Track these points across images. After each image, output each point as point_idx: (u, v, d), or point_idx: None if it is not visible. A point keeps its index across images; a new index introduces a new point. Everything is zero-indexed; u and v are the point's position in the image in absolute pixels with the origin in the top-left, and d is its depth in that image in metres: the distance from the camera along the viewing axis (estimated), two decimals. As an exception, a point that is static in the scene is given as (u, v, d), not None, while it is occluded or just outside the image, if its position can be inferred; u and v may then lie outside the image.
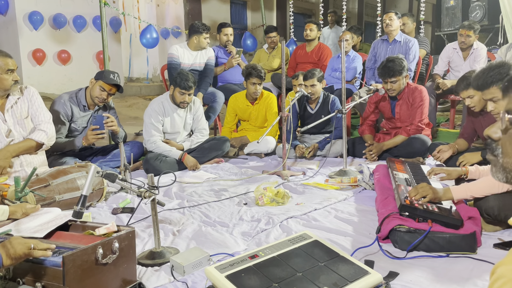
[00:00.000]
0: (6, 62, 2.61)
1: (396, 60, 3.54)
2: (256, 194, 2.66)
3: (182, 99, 3.56)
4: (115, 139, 3.51)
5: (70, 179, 2.50)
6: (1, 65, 2.60)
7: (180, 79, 3.51)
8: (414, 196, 2.07)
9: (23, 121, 2.81)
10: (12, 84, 2.66)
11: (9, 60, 2.63)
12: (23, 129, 2.81)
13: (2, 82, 2.62)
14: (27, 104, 2.84)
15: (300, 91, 3.57)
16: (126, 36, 8.91)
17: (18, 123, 2.78)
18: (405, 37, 4.74)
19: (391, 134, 3.83)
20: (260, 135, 3.67)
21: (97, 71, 3.54)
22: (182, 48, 4.66)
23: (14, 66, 2.66)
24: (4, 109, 2.73)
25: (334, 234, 2.14)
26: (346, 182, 3.02)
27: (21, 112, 2.81)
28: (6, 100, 2.76)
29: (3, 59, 2.61)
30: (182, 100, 3.57)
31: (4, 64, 2.60)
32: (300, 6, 11.77)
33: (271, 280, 1.44)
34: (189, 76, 3.53)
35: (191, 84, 3.50)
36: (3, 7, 7.21)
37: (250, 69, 4.02)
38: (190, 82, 3.50)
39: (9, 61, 2.63)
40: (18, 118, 2.79)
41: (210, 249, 1.96)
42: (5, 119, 2.72)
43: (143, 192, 1.83)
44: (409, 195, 2.08)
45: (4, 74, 2.61)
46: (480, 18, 6.42)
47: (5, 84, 2.64)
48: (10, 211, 1.79)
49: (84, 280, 1.39)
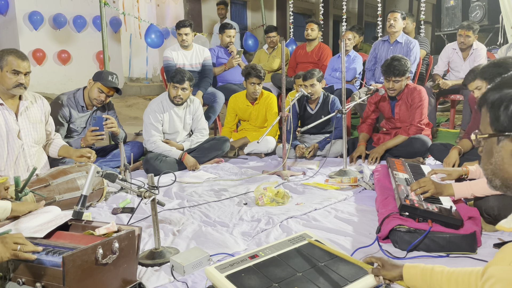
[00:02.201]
0: (16, 63, 2.58)
1: (402, 60, 3.53)
2: (256, 194, 2.66)
3: (175, 93, 3.56)
4: (115, 140, 3.51)
5: (70, 179, 2.50)
6: (8, 63, 2.58)
7: (174, 73, 3.54)
8: (416, 190, 2.07)
9: (36, 125, 2.81)
10: (15, 85, 2.61)
11: (20, 61, 2.60)
12: (36, 133, 2.80)
13: (4, 80, 2.60)
14: (40, 112, 2.85)
15: (300, 91, 3.57)
16: (126, 36, 8.91)
17: (32, 127, 2.78)
18: (407, 38, 4.70)
19: (391, 134, 3.83)
20: (260, 135, 3.67)
21: (96, 71, 3.53)
22: (175, 50, 4.68)
23: (23, 69, 2.61)
24: (18, 111, 2.72)
25: (334, 234, 2.14)
26: (346, 182, 3.02)
27: (35, 116, 2.81)
28: (19, 102, 2.74)
29: (14, 59, 2.59)
30: (176, 95, 3.56)
31: (11, 63, 2.58)
32: (300, 6, 11.78)
33: (271, 280, 1.44)
34: (185, 72, 3.54)
35: (183, 77, 3.50)
36: (3, 7, 7.21)
37: (249, 69, 4.02)
38: (184, 76, 3.50)
39: (20, 62, 2.59)
40: (33, 122, 2.78)
41: (210, 249, 1.96)
42: (17, 120, 2.70)
43: (143, 192, 1.83)
44: (410, 188, 2.08)
45: (8, 73, 2.58)
46: (480, 18, 6.41)
47: (7, 83, 2.60)
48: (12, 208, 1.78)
49: (84, 280, 1.39)
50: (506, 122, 0.89)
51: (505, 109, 0.89)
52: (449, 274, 1.28)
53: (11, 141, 2.66)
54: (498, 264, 0.78)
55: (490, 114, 0.93)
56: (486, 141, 0.95)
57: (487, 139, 0.95)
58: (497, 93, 0.92)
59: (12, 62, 2.58)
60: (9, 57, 2.59)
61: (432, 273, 1.31)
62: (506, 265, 0.77)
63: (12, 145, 2.66)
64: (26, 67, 2.64)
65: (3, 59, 2.59)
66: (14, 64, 2.58)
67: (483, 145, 0.97)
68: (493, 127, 0.93)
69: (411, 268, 1.38)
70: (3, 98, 2.66)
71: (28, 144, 2.74)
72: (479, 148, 0.99)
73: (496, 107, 0.91)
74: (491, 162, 0.94)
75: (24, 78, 2.63)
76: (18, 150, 2.69)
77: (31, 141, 2.76)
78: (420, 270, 1.35)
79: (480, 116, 0.98)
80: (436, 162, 3.55)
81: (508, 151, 0.90)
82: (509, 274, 0.75)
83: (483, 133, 0.95)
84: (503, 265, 0.77)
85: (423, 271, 1.34)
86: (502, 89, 0.91)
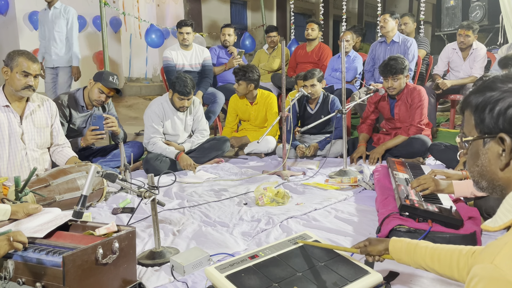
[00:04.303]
0: (26, 64, 2.58)
1: (399, 59, 3.55)
2: (256, 194, 2.66)
3: (181, 104, 3.55)
4: (115, 139, 3.51)
5: (70, 179, 2.50)
6: (19, 64, 2.58)
7: (179, 85, 3.45)
8: (416, 188, 2.07)
9: (41, 130, 2.80)
10: (24, 87, 2.60)
11: (30, 63, 2.59)
12: (40, 138, 2.79)
13: (13, 80, 2.60)
14: (47, 115, 2.84)
15: (300, 91, 3.58)
16: (126, 36, 8.90)
17: (36, 131, 2.76)
18: (403, 37, 4.71)
19: (391, 135, 3.83)
20: (260, 135, 3.67)
21: (97, 71, 3.52)
22: (175, 50, 4.68)
23: (33, 71, 2.60)
24: (23, 114, 2.71)
25: (334, 234, 2.14)
26: (346, 182, 3.02)
27: (40, 121, 2.80)
28: (26, 105, 2.73)
29: (25, 60, 2.58)
30: (181, 105, 3.56)
31: (22, 65, 2.57)
32: (300, 6, 11.78)
33: (271, 280, 1.44)
34: (188, 81, 3.46)
35: (189, 90, 3.47)
36: (3, 7, 7.21)
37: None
38: (189, 87, 3.45)
39: (30, 64, 2.59)
40: (38, 126, 2.77)
41: (210, 249, 1.96)
42: (21, 123, 2.70)
43: (143, 192, 1.83)
44: (411, 186, 2.08)
45: (17, 74, 2.58)
46: (480, 18, 6.41)
47: (16, 84, 2.59)
48: (12, 211, 1.78)
49: (84, 280, 1.39)
50: (491, 124, 0.91)
51: (490, 112, 0.91)
52: (433, 250, 1.32)
53: (13, 143, 2.65)
54: (482, 262, 0.79)
55: (475, 117, 0.95)
56: (471, 144, 0.98)
57: (472, 142, 0.97)
58: (480, 96, 0.94)
59: (22, 64, 2.58)
60: (19, 58, 2.59)
61: (417, 248, 1.36)
62: (488, 263, 0.78)
63: (14, 147, 2.66)
64: (36, 69, 2.63)
65: (14, 60, 2.59)
66: (24, 65, 2.58)
67: (468, 148, 0.99)
68: (478, 130, 0.95)
69: (397, 241, 1.44)
70: (10, 100, 2.66)
71: (30, 148, 2.73)
72: (462, 150, 1.02)
73: (481, 110, 0.93)
74: (477, 164, 0.97)
75: (34, 80, 2.63)
76: (21, 153, 2.69)
77: (33, 145, 2.75)
78: (406, 244, 1.40)
79: (464, 120, 1.00)
80: (436, 162, 3.55)
81: (494, 152, 0.92)
82: (492, 272, 0.76)
83: (469, 136, 0.98)
84: (486, 263, 0.78)
85: (408, 245, 1.39)
86: (484, 93, 0.94)
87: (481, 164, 0.96)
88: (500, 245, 0.80)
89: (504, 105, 0.89)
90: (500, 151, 0.91)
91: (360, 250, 1.53)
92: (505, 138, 0.89)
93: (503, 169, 0.91)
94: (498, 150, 0.91)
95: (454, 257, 1.25)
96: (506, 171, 0.91)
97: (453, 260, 1.25)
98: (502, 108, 0.89)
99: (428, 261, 1.32)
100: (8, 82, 2.62)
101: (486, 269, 0.77)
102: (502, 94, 0.90)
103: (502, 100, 0.90)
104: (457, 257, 1.25)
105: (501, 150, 0.90)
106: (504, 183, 0.93)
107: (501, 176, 0.92)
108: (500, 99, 0.90)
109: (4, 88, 2.67)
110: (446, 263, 1.27)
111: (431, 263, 1.31)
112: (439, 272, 1.30)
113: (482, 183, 0.98)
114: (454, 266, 1.25)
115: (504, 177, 0.92)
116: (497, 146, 0.91)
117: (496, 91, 0.92)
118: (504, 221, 0.87)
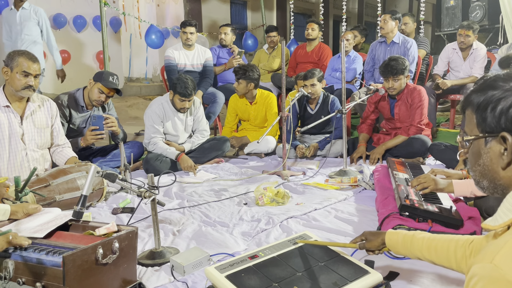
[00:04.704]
0: (26, 64, 2.58)
1: (399, 59, 3.55)
2: (256, 194, 2.66)
3: (182, 105, 3.55)
4: (115, 140, 3.51)
5: (70, 179, 2.50)
6: (19, 64, 2.58)
7: (180, 86, 3.44)
8: (416, 186, 2.07)
9: (41, 130, 2.79)
10: (24, 87, 2.60)
11: (30, 63, 2.59)
12: (40, 138, 2.79)
13: (13, 81, 2.60)
14: (47, 115, 2.84)
15: (300, 91, 3.57)
16: (126, 36, 8.90)
17: (37, 132, 2.76)
18: (403, 38, 4.68)
19: (391, 135, 3.83)
20: (260, 135, 3.67)
21: (97, 72, 3.52)
22: (177, 50, 4.68)
23: (33, 71, 2.60)
24: (24, 114, 2.71)
25: (334, 234, 2.14)
26: (346, 182, 3.02)
27: (41, 121, 2.80)
28: (26, 105, 2.73)
29: (25, 60, 2.58)
30: (182, 107, 3.56)
31: (22, 65, 2.57)
32: (300, 6, 11.77)
33: (271, 280, 1.44)
34: (189, 82, 3.46)
35: (190, 92, 3.46)
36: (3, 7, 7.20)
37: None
38: (190, 89, 3.45)
39: (30, 64, 2.59)
40: (38, 126, 2.77)
41: (210, 249, 1.96)
42: (22, 123, 2.70)
43: (143, 192, 1.83)
44: (411, 185, 2.08)
45: (18, 74, 2.58)
46: (480, 18, 6.41)
47: (16, 84, 2.60)
48: (11, 211, 1.78)
49: (84, 280, 1.39)
50: (493, 123, 0.91)
51: (492, 111, 0.91)
52: (429, 241, 1.33)
53: (13, 144, 2.65)
54: (481, 261, 0.79)
55: (476, 115, 0.95)
56: (472, 143, 0.97)
57: (473, 141, 0.97)
58: (482, 95, 0.93)
59: (22, 64, 2.58)
60: (20, 58, 2.59)
61: (413, 240, 1.37)
62: (488, 262, 0.78)
63: (14, 147, 2.66)
64: (37, 69, 2.63)
65: (14, 60, 2.59)
66: (24, 65, 2.58)
67: (470, 147, 0.99)
68: (479, 129, 0.94)
69: (393, 234, 1.45)
70: (10, 100, 2.66)
71: (31, 148, 2.73)
72: (462, 150, 1.02)
73: (483, 109, 0.93)
74: (479, 163, 0.96)
75: (34, 80, 2.63)
76: (21, 153, 2.69)
77: (34, 145, 2.75)
78: (402, 236, 1.41)
79: (465, 118, 1.00)
80: (436, 162, 3.55)
81: (496, 151, 0.92)
82: (491, 272, 0.76)
83: (470, 135, 0.97)
84: (485, 262, 0.78)
85: (404, 237, 1.40)
86: (486, 91, 0.93)
87: (482, 163, 0.95)
88: (500, 244, 0.80)
89: (506, 104, 0.89)
90: (501, 150, 0.90)
91: (360, 246, 1.54)
92: (507, 137, 0.88)
93: (505, 168, 0.91)
94: (500, 149, 0.90)
95: (451, 248, 1.26)
96: (508, 170, 0.91)
97: (450, 251, 1.26)
98: (504, 107, 0.89)
99: (425, 252, 1.33)
100: (8, 82, 2.63)
101: (485, 269, 0.77)
102: (504, 93, 0.90)
103: (504, 99, 0.89)
104: (454, 248, 1.25)
105: (503, 149, 0.90)
106: (506, 182, 0.92)
107: (502, 175, 0.92)
108: (502, 98, 0.90)
109: (4, 88, 2.67)
110: (443, 254, 1.28)
111: (428, 254, 1.32)
112: (437, 263, 1.31)
113: (483, 183, 0.97)
114: (451, 257, 1.26)
115: (505, 176, 0.92)
116: (499, 145, 0.91)
117: (498, 90, 0.91)
118: (504, 220, 0.87)
